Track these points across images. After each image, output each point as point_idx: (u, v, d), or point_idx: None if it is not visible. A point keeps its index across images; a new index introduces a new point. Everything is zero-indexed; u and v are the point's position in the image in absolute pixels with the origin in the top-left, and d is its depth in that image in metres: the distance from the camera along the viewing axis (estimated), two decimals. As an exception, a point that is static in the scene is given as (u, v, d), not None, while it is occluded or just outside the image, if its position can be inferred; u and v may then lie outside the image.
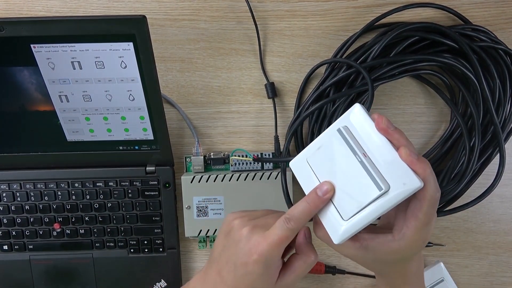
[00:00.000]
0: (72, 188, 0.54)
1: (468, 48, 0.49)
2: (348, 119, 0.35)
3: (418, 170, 0.31)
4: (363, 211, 0.32)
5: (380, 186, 0.31)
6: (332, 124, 0.36)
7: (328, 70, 0.52)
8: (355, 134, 0.34)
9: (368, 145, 0.33)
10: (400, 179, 0.31)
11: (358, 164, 0.32)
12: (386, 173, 0.31)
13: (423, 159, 0.31)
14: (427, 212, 0.32)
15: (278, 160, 0.53)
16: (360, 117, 0.34)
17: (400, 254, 0.34)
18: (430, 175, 0.31)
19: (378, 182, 0.31)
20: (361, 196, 0.32)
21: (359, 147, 0.33)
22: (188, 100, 0.55)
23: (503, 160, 0.50)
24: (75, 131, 0.50)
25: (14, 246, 0.55)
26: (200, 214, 0.53)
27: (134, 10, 0.54)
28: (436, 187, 0.32)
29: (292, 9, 0.54)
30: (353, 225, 0.32)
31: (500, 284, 0.58)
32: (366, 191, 0.32)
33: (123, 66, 0.44)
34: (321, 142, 0.36)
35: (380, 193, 0.31)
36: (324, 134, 0.36)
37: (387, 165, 0.32)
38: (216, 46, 0.54)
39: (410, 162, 0.31)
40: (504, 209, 0.56)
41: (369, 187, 0.31)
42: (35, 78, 0.45)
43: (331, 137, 0.35)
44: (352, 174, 0.33)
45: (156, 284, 0.55)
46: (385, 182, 0.31)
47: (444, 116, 0.55)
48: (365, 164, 0.32)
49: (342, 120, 0.35)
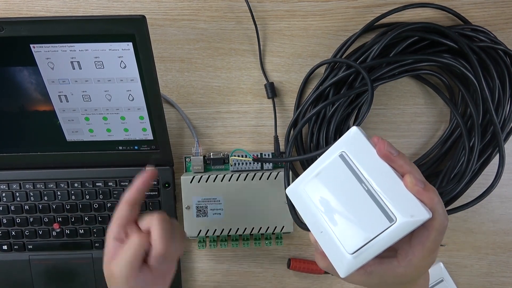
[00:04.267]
0: (71, 188, 0.54)
1: (468, 48, 0.49)
2: (346, 143, 0.32)
3: (425, 200, 0.29)
4: (370, 243, 0.30)
5: (391, 218, 0.29)
6: (329, 148, 0.33)
7: (328, 70, 0.52)
8: (356, 160, 0.31)
9: (371, 173, 0.31)
10: (407, 210, 0.29)
11: (364, 193, 0.30)
12: (392, 204, 0.29)
13: (430, 187, 0.30)
14: (435, 240, 0.30)
15: (278, 160, 0.53)
16: (359, 142, 0.32)
17: (406, 278, 0.33)
18: (438, 204, 0.30)
19: (388, 213, 0.29)
20: (369, 227, 0.30)
21: (363, 175, 0.31)
22: (187, 100, 0.55)
23: (503, 160, 0.50)
24: (74, 131, 0.50)
25: (13, 246, 0.55)
26: (200, 214, 0.53)
27: (134, 10, 0.54)
28: (445, 215, 0.30)
29: (292, 9, 0.54)
30: (360, 260, 0.31)
31: (499, 284, 0.58)
32: (374, 223, 0.30)
33: (123, 66, 0.44)
34: (319, 168, 0.33)
35: (390, 225, 0.29)
36: (322, 159, 0.33)
37: (393, 194, 0.30)
38: (216, 46, 0.54)
39: (416, 192, 0.29)
40: (503, 209, 0.56)
41: (378, 218, 0.30)
42: (34, 78, 0.45)
43: (332, 163, 0.32)
44: (358, 203, 0.31)
45: (156, 284, 0.55)
46: (393, 213, 0.29)
47: (443, 116, 0.55)
48: (372, 193, 0.30)
49: (340, 144, 0.33)
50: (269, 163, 0.54)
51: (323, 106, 0.49)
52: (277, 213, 0.52)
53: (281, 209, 0.52)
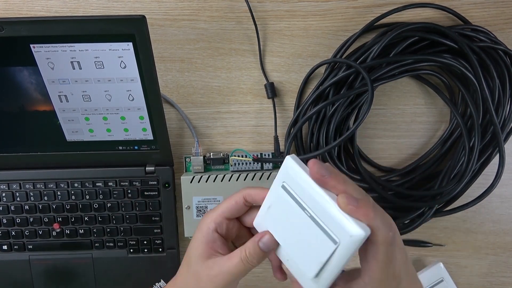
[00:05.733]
0: (71, 188, 0.54)
1: (468, 49, 0.49)
2: (284, 174, 0.33)
3: (361, 218, 0.29)
4: (325, 266, 0.31)
5: (334, 240, 0.30)
6: (274, 180, 0.34)
7: (328, 70, 0.52)
8: (295, 189, 0.32)
9: (309, 199, 0.31)
10: (345, 231, 0.29)
11: (309, 220, 0.31)
12: (332, 227, 0.30)
13: (363, 203, 0.29)
14: (385, 252, 0.30)
15: (278, 160, 0.53)
16: (294, 170, 0.32)
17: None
18: (375, 218, 0.29)
19: (331, 236, 0.30)
20: (321, 251, 0.31)
21: (304, 202, 0.32)
22: (187, 100, 0.55)
23: (503, 160, 0.50)
24: (74, 131, 0.50)
25: (13, 246, 0.55)
26: (200, 214, 0.53)
27: (134, 10, 0.54)
28: (386, 227, 0.30)
29: (292, 9, 0.54)
30: (323, 282, 0.32)
31: (499, 284, 0.58)
32: (323, 246, 0.30)
33: (123, 66, 0.44)
34: (270, 201, 0.34)
35: (336, 247, 0.30)
36: (270, 192, 0.34)
37: (330, 217, 0.30)
38: (216, 46, 0.54)
39: (350, 211, 0.29)
40: (503, 209, 0.56)
41: (325, 242, 0.30)
42: (34, 78, 0.45)
43: (278, 195, 0.33)
44: (306, 230, 0.31)
45: (156, 284, 0.55)
46: (335, 236, 0.30)
47: (443, 116, 0.55)
48: (314, 219, 0.31)
49: (280, 176, 0.33)
50: (269, 163, 0.54)
51: (324, 105, 0.49)
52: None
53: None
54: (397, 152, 0.56)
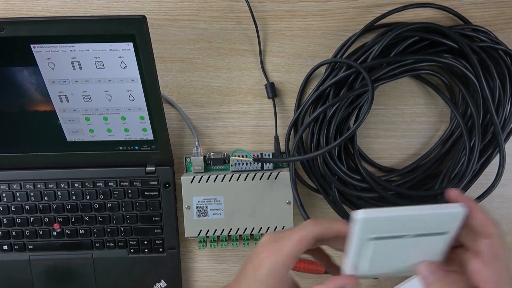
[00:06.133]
0: (72, 188, 0.54)
1: (468, 48, 0.49)
2: (365, 228, 0.32)
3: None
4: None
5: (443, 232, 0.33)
6: (350, 238, 0.33)
7: (328, 70, 0.52)
8: (384, 229, 0.33)
9: (402, 224, 0.33)
10: (452, 213, 0.32)
11: (412, 239, 0.33)
12: (437, 227, 0.33)
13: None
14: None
15: (278, 160, 0.53)
16: (375, 218, 0.32)
17: None
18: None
19: (440, 232, 0.33)
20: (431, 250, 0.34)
21: (398, 232, 0.33)
22: (188, 100, 0.55)
23: (503, 160, 0.50)
24: (75, 131, 0.50)
25: (14, 246, 0.55)
26: (200, 214, 0.53)
27: (134, 10, 0.54)
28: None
29: (292, 9, 0.54)
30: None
31: (500, 284, 0.58)
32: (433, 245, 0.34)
33: (123, 66, 0.44)
34: (358, 253, 0.34)
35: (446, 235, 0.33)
36: (355, 249, 0.34)
37: (432, 218, 0.33)
38: (216, 46, 0.54)
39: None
40: (504, 209, 0.56)
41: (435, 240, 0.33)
42: (35, 78, 0.45)
43: (368, 246, 0.33)
44: (410, 248, 0.34)
45: (156, 284, 0.55)
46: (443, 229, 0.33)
47: (444, 116, 0.55)
48: (419, 234, 0.33)
49: (359, 232, 0.33)
50: (270, 163, 0.54)
51: (322, 110, 0.49)
52: (278, 213, 0.52)
53: (282, 209, 0.52)
54: (398, 152, 0.56)
